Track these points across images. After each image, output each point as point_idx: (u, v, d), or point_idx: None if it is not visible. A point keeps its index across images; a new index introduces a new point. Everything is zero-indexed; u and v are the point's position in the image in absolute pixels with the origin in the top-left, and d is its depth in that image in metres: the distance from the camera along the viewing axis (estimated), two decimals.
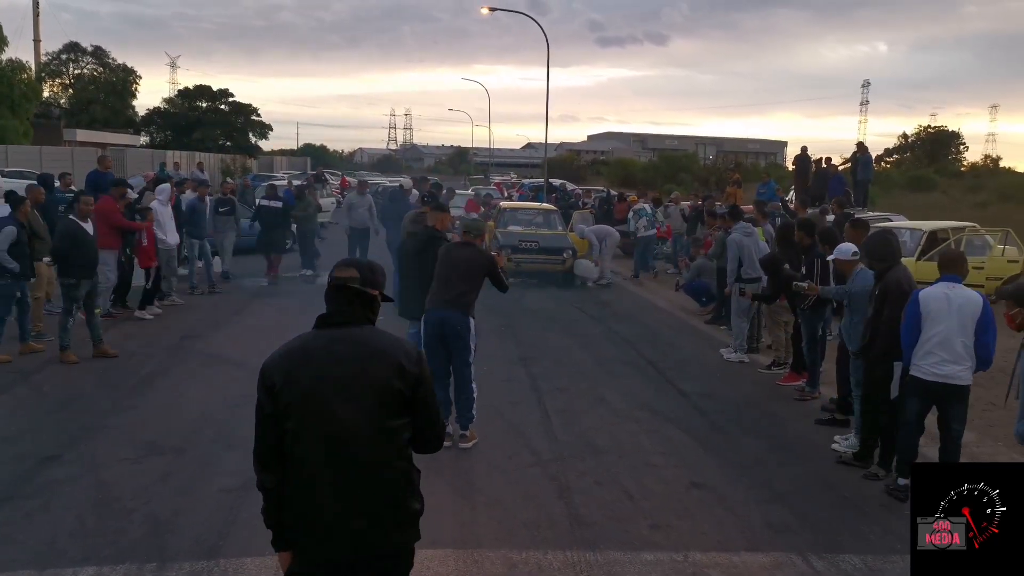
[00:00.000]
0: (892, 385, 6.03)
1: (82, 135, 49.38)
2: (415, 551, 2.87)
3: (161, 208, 12.00)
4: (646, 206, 18.50)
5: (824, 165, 20.29)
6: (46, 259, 9.55)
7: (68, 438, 6.58)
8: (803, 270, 8.11)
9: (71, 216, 8.98)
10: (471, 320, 6.57)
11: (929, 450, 6.09)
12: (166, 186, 12.87)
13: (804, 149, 21.63)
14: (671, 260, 18.53)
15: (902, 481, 5.65)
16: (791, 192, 21.47)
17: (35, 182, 12.66)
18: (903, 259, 6.77)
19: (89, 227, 9.01)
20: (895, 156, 75.04)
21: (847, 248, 7.01)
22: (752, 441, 7.05)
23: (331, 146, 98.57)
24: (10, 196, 9.70)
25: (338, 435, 2.67)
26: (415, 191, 15.17)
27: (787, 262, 8.55)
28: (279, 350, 2.84)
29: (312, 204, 15.59)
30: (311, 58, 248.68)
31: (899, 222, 16.00)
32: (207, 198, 14.00)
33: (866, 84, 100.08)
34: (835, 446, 6.80)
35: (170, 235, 12.04)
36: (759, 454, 6.72)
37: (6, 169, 28.52)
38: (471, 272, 6.61)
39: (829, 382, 8.19)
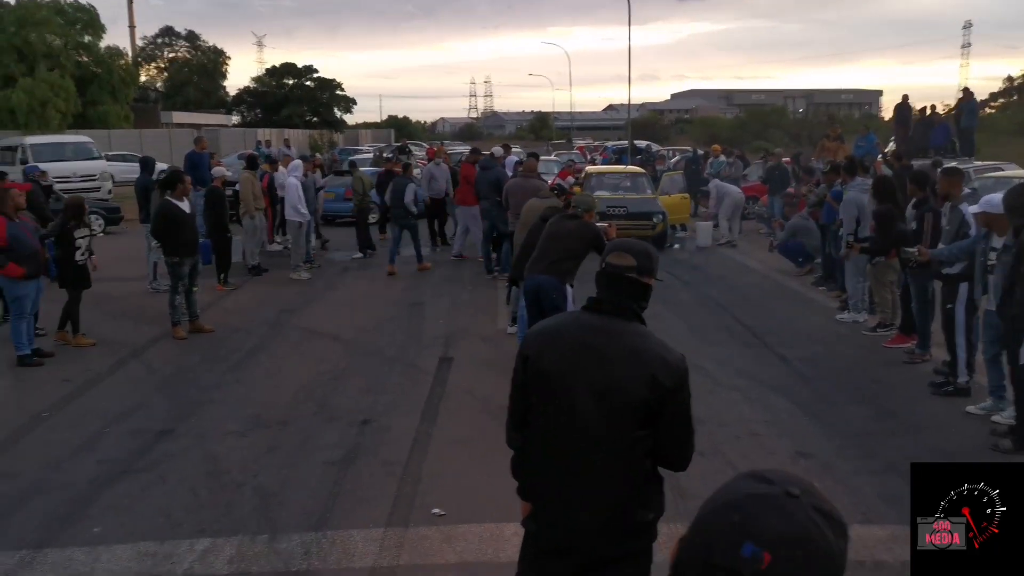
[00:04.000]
0: (1021, 351, 5.68)
1: (178, 117, 51.22)
2: (651, 549, 2.73)
3: (296, 183, 12.39)
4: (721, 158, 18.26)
5: (928, 113, 19.25)
6: None
7: (178, 412, 6.85)
8: (913, 225, 7.68)
9: (167, 196, 9.27)
10: (567, 287, 6.71)
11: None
12: (299, 162, 13.31)
13: (905, 98, 20.55)
14: (764, 220, 17.97)
15: None
16: (891, 144, 20.46)
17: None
18: None
19: (186, 206, 9.29)
20: (1000, 100, 70.71)
21: (999, 200, 6.06)
22: (859, 408, 6.78)
23: (413, 117, 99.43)
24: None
25: (572, 426, 2.60)
26: (510, 158, 15.22)
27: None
28: (542, 322, 2.88)
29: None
30: (389, 30, 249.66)
31: (1011, 171, 15.06)
32: (311, 174, 14.24)
33: (967, 26, 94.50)
34: (970, 408, 6.48)
35: (302, 209, 12.51)
36: (867, 422, 6.45)
37: (109, 153, 29.84)
38: (573, 244, 6.83)
39: (939, 343, 7.79)
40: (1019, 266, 5.71)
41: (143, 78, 56.28)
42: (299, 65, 64.98)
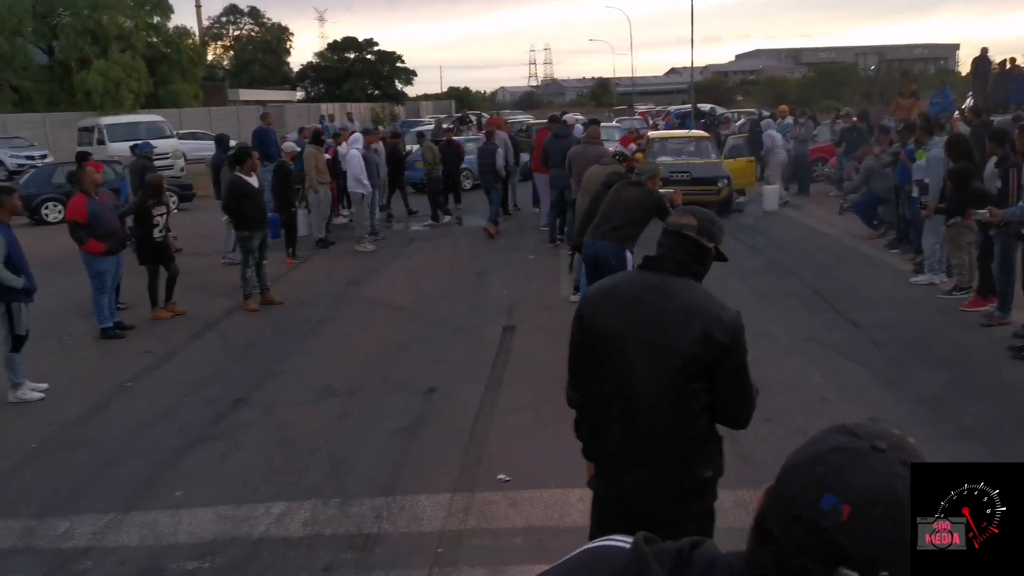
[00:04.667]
0: None
1: (244, 94, 52.17)
2: (713, 510, 2.75)
3: (358, 155, 12.56)
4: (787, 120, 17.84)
5: (1008, 67, 18.34)
6: None
7: (252, 382, 7.07)
8: (998, 184, 7.37)
9: (237, 172, 9.49)
10: (628, 253, 6.68)
11: None
12: (359, 135, 13.44)
13: (984, 51, 19.57)
14: (834, 182, 17.45)
15: None
16: (968, 99, 19.60)
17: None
18: None
19: (254, 181, 9.50)
20: None
21: None
22: (934, 373, 6.58)
23: (474, 87, 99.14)
24: None
25: (629, 384, 2.60)
26: (578, 126, 15.11)
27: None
28: (600, 282, 2.87)
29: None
30: (446, 0, 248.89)
31: None
32: (374, 147, 14.34)
33: None
34: None
35: (364, 181, 12.64)
36: (943, 387, 6.27)
37: (180, 131, 30.63)
38: (636, 211, 6.80)
39: (1021, 306, 7.51)
40: None
41: (210, 57, 57.41)
42: (360, 39, 65.29)
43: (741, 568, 1.06)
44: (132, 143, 15.82)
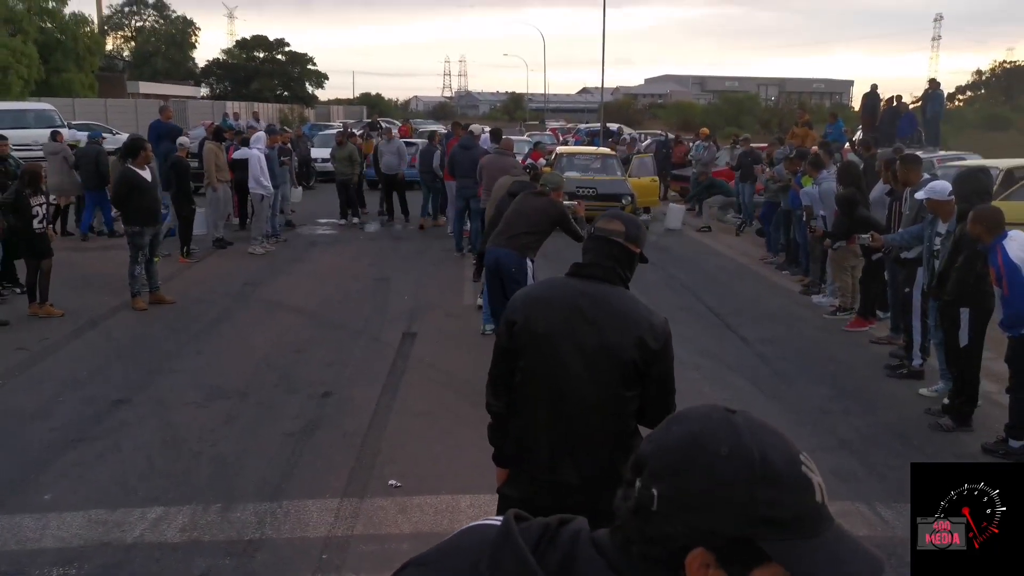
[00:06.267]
0: (960, 333, 5.78)
1: (145, 87, 50.21)
2: None
3: (258, 155, 12.17)
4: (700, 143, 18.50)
5: (894, 104, 19.48)
6: None
7: (137, 381, 6.75)
8: (886, 212, 7.78)
9: (128, 164, 9.09)
10: (528, 262, 6.74)
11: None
12: (262, 134, 13.04)
13: (874, 87, 20.78)
14: (733, 205, 18.03)
15: (1015, 444, 5.38)
16: (858, 132, 20.68)
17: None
18: None
19: (147, 174, 9.12)
20: (968, 93, 71.53)
21: (943, 187, 6.20)
22: (817, 389, 6.87)
23: (387, 94, 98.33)
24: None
25: (563, 389, 2.63)
26: (484, 136, 15.16)
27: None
28: (528, 288, 2.91)
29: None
30: (362, 5, 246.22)
31: (972, 161, 15.27)
32: (277, 147, 13.97)
33: (938, 18, 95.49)
34: (923, 391, 6.65)
35: (265, 183, 12.28)
36: (824, 402, 6.55)
37: (73, 121, 29.16)
38: (538, 220, 6.91)
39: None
40: (956, 253, 5.81)
41: (109, 47, 55.09)
42: (271, 38, 63.95)
43: (604, 539, 1.06)
44: (52, 130, 15.17)
